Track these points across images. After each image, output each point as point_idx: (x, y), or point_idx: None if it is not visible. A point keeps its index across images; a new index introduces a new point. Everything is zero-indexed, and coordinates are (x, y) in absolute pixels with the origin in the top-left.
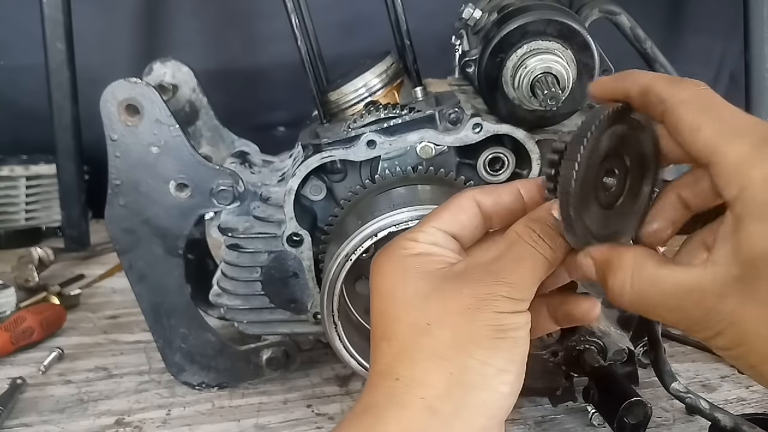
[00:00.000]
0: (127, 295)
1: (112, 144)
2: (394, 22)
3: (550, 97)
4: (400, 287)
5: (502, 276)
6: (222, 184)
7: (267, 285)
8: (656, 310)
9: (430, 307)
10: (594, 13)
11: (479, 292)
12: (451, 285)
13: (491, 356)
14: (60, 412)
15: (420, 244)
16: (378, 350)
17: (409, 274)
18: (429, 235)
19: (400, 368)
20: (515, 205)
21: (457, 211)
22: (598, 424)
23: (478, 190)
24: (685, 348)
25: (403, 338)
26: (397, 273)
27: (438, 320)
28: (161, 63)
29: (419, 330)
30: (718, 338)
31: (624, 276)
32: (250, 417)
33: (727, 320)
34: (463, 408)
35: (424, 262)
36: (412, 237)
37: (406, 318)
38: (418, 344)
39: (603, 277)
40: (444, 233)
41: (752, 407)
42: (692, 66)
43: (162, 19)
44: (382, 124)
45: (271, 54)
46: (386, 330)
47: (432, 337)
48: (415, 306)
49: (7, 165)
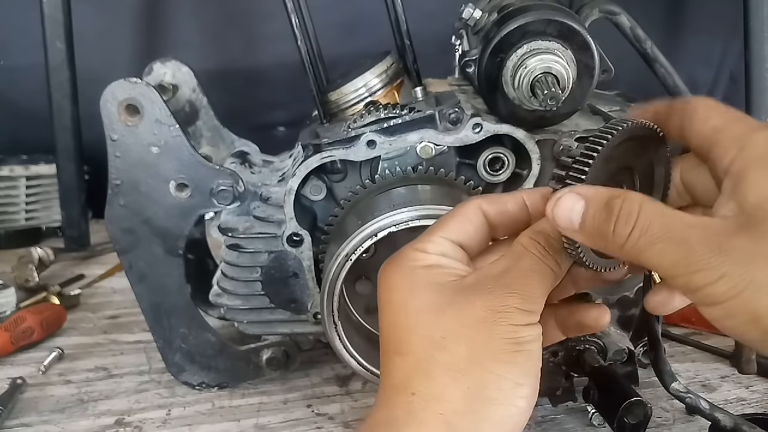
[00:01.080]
0: (127, 295)
1: (112, 144)
2: (394, 22)
3: (550, 97)
4: (412, 300)
5: (514, 288)
6: (222, 184)
7: (267, 285)
8: (657, 245)
9: (444, 321)
10: (594, 13)
11: (493, 304)
12: (464, 298)
13: (508, 370)
14: (60, 412)
15: (429, 256)
16: (391, 363)
17: (421, 286)
18: (437, 245)
19: (417, 383)
20: (520, 215)
21: (463, 221)
22: (598, 424)
23: (483, 199)
24: (685, 348)
25: (418, 352)
26: (407, 285)
27: (453, 334)
28: (161, 63)
29: (435, 344)
30: (719, 282)
31: (631, 207)
32: (250, 417)
33: (733, 260)
34: (481, 423)
35: (435, 275)
36: (421, 248)
37: (421, 331)
38: (434, 358)
39: (602, 216)
40: (452, 243)
41: (752, 407)
42: (692, 66)
43: (162, 19)
44: (382, 124)
45: (271, 54)
46: (400, 343)
47: (448, 351)
48: (429, 319)
49: (7, 165)
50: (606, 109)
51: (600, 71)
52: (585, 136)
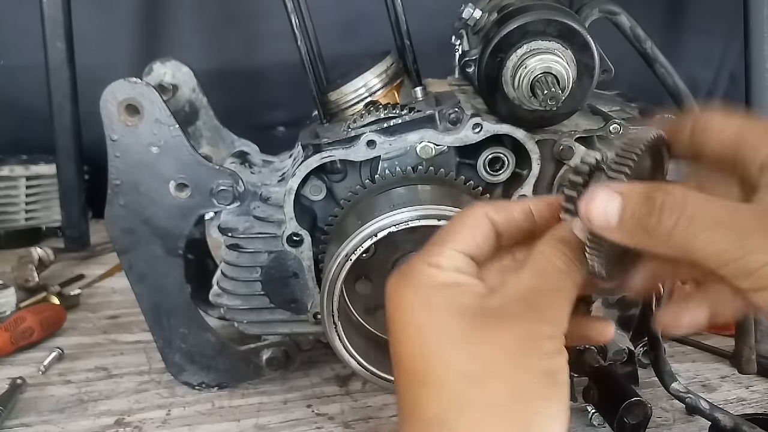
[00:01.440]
0: (127, 295)
1: (112, 144)
2: (394, 22)
3: (550, 97)
4: (433, 325)
5: (542, 311)
6: (222, 184)
7: (267, 285)
8: (704, 234)
9: (476, 353)
10: (594, 13)
11: (523, 332)
12: (491, 324)
13: (546, 405)
14: (60, 412)
15: (444, 272)
16: (419, 396)
17: (440, 310)
18: (450, 259)
19: (455, 421)
20: (526, 224)
21: (472, 229)
22: (598, 424)
23: (491, 206)
24: (685, 348)
25: (452, 387)
26: (425, 307)
27: (488, 368)
28: (161, 63)
29: (471, 380)
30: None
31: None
32: (250, 417)
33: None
34: None
35: (453, 295)
36: (434, 263)
37: (451, 363)
38: (471, 396)
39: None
40: (464, 256)
41: (752, 407)
42: (692, 66)
43: (162, 19)
44: (382, 124)
45: (271, 54)
46: (425, 374)
47: (486, 388)
48: (459, 350)
49: (7, 165)
50: (606, 109)
51: (600, 71)
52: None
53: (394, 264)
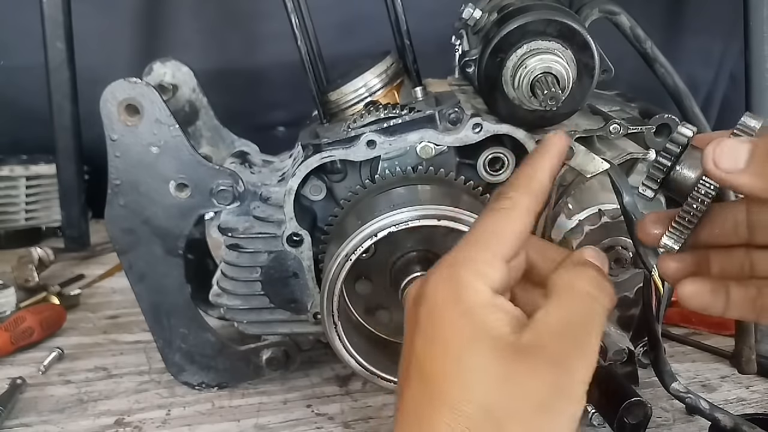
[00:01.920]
0: (127, 295)
1: (112, 144)
2: (394, 22)
3: (550, 97)
4: (470, 353)
5: (577, 354)
6: (222, 184)
7: (267, 285)
8: None
9: (505, 393)
10: (594, 13)
11: (555, 381)
12: (524, 367)
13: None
14: (60, 412)
15: (487, 291)
16: (433, 412)
17: (481, 337)
18: (498, 271)
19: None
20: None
21: (518, 240)
22: (598, 424)
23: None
24: (685, 348)
25: (470, 420)
26: (467, 330)
27: (512, 413)
28: (161, 63)
29: (490, 419)
30: None
31: None
32: (250, 417)
33: None
34: None
35: (493, 322)
36: (482, 272)
37: (477, 397)
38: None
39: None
40: (506, 266)
41: (752, 407)
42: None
43: (162, 19)
44: (382, 124)
45: (271, 54)
46: (448, 395)
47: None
48: (490, 386)
49: (7, 165)
50: (606, 109)
51: (600, 71)
52: None
53: (394, 264)
